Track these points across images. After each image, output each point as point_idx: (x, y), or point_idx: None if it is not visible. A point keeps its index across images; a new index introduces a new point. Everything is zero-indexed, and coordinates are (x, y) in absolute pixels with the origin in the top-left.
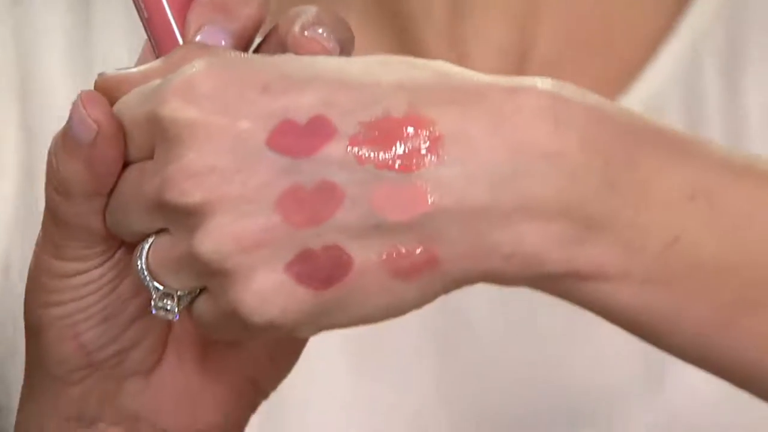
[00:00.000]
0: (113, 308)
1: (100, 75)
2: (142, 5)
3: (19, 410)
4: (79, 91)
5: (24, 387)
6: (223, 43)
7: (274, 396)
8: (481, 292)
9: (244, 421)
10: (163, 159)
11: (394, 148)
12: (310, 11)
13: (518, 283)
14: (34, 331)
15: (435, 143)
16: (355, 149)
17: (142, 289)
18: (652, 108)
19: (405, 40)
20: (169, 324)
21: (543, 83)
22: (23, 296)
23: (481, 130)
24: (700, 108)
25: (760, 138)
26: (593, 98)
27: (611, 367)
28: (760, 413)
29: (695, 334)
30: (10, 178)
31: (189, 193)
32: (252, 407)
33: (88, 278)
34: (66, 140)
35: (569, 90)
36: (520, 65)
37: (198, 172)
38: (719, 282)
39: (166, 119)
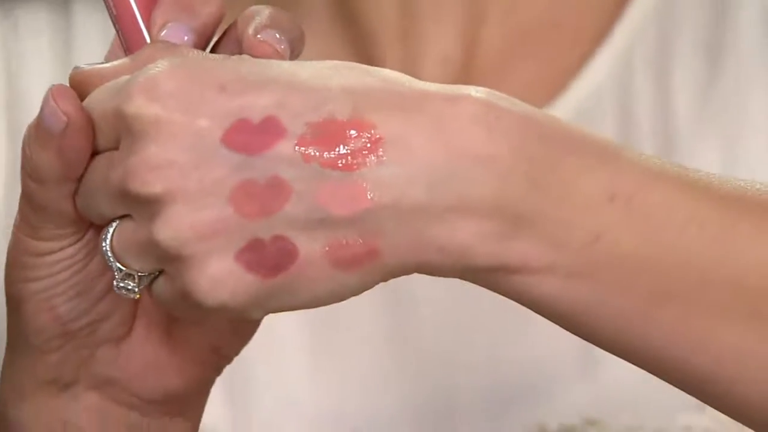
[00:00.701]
0: (85, 283)
1: (75, 68)
2: (111, 3)
3: (2, 376)
4: (50, 85)
5: (6, 354)
6: (185, 38)
7: (237, 372)
8: None
9: (209, 383)
10: (128, 151)
11: (338, 149)
12: (264, 13)
13: (451, 274)
14: (14, 303)
15: (376, 145)
16: (303, 148)
17: (109, 267)
18: (587, 109)
19: (361, 47)
20: (137, 300)
21: (478, 92)
22: None
23: (421, 135)
24: (632, 108)
25: (686, 136)
26: (523, 107)
27: (549, 345)
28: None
29: (615, 325)
30: None
31: (150, 183)
32: (216, 371)
33: (61, 256)
34: (38, 131)
35: (502, 99)
36: (464, 68)
37: (159, 165)
38: (637, 276)
39: (131, 115)
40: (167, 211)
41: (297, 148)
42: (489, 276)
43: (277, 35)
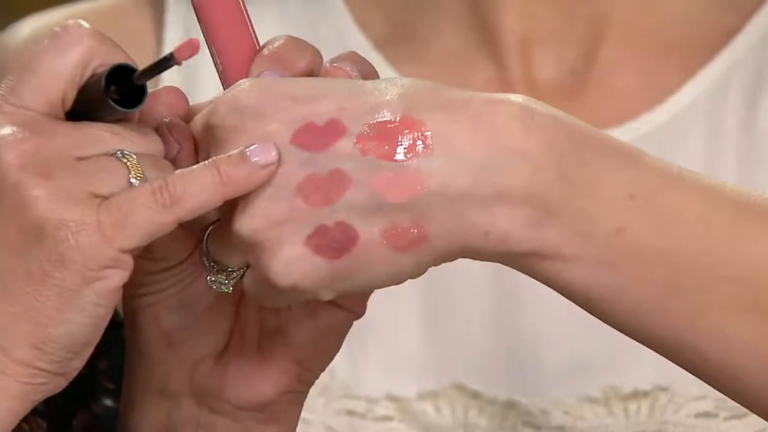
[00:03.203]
0: (188, 300)
1: None
2: (215, 50)
3: (123, 386)
4: (166, 119)
5: (125, 366)
6: None
7: (357, 324)
8: None
9: (299, 394)
10: (213, 156)
11: (392, 143)
12: (346, 53)
13: (493, 258)
14: (129, 318)
15: (425, 140)
16: (361, 144)
17: (205, 267)
18: (682, 117)
19: (486, 49)
20: (234, 317)
21: (515, 97)
22: None
23: (464, 131)
24: (722, 123)
25: None
26: (556, 111)
27: None
28: None
29: (635, 313)
30: None
31: None
32: (304, 383)
33: (168, 275)
34: None
35: (537, 103)
36: (578, 75)
37: None
38: (654, 268)
39: (215, 125)
40: (245, 204)
41: (356, 144)
42: (524, 261)
43: (349, 66)
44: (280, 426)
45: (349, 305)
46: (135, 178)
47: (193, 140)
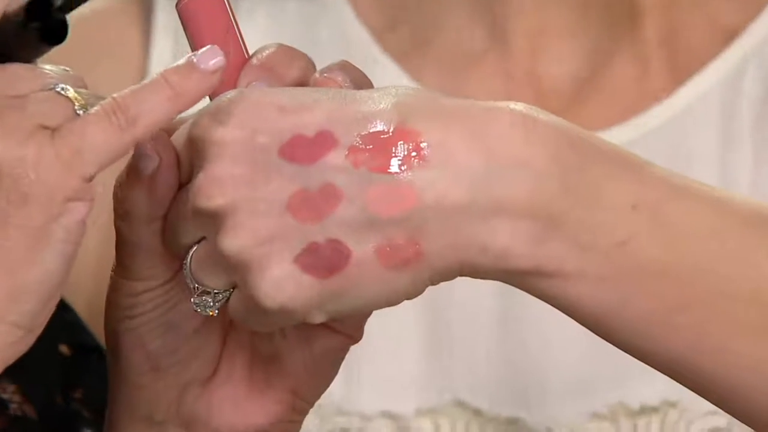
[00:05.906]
0: (174, 322)
1: None
2: None
3: (107, 414)
4: None
5: (109, 393)
6: None
7: (356, 347)
8: None
9: (294, 423)
10: (197, 171)
11: (386, 155)
12: (337, 62)
13: (492, 276)
14: (112, 342)
15: (420, 151)
16: (353, 156)
17: (188, 289)
18: (695, 107)
19: (495, 56)
20: (223, 341)
21: (515, 105)
22: None
23: (462, 140)
24: (738, 115)
25: None
26: (556, 119)
27: None
28: None
29: (638, 328)
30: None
31: (214, 197)
32: (298, 413)
33: (153, 295)
34: (130, 171)
35: (536, 110)
36: (587, 81)
37: (222, 180)
38: (659, 282)
39: (199, 138)
40: (230, 221)
41: (347, 156)
42: (525, 279)
43: (341, 76)
44: None
45: (346, 330)
46: (80, 108)
47: (174, 153)
